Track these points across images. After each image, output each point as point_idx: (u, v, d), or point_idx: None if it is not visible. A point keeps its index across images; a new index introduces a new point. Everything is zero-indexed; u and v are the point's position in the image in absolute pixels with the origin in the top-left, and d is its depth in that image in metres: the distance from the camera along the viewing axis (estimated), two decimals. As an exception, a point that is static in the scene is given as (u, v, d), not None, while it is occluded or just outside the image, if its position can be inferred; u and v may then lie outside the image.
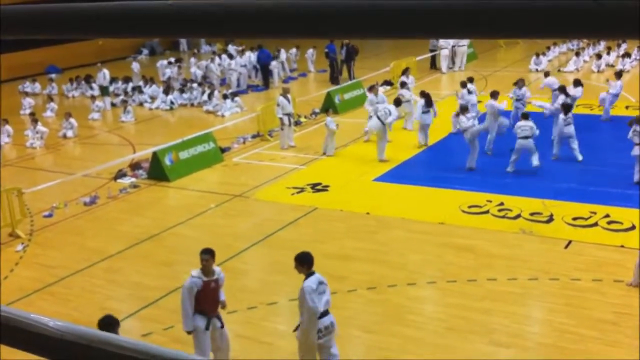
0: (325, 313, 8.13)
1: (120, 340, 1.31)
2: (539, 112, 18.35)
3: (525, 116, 16.23)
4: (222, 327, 8.62)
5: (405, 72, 23.03)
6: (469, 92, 19.92)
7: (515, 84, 19.89)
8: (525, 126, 15.76)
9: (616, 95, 20.41)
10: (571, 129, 16.46)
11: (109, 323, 7.17)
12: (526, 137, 15.68)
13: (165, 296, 10.91)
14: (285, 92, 19.68)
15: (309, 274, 8.08)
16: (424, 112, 18.45)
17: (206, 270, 8.36)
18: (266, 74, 29.26)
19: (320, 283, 8.07)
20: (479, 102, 20.09)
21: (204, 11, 0.97)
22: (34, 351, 1.38)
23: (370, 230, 13.21)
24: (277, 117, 19.22)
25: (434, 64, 31.40)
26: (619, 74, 21.27)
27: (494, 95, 17.99)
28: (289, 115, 19.25)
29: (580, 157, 16.41)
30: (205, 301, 8.40)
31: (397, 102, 18.76)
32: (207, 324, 8.43)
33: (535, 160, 15.65)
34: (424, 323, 9.76)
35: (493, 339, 9.19)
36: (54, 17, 1.11)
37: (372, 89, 20.41)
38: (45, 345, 1.35)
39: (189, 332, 8.47)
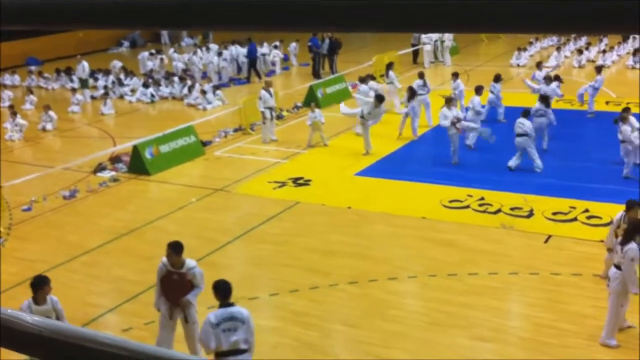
0: (234, 352, 7.27)
1: (99, 336, 1.30)
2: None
3: (526, 113, 15.76)
4: (187, 322, 8.59)
5: (389, 66, 23.04)
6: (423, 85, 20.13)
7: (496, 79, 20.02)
8: (522, 123, 15.48)
9: (596, 89, 20.53)
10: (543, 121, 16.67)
11: (39, 282, 8.02)
12: (521, 135, 15.51)
13: (145, 291, 10.84)
14: (267, 86, 19.67)
15: (223, 305, 7.41)
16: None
17: (170, 261, 8.46)
18: (252, 67, 29.18)
19: (231, 319, 7.26)
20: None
21: (195, 2, 0.96)
22: (12, 347, 1.36)
23: (352, 224, 13.23)
24: (259, 111, 19.18)
25: (415, 59, 31.45)
26: (599, 69, 21.44)
27: (478, 90, 17.96)
28: (270, 108, 19.22)
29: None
30: (167, 290, 8.55)
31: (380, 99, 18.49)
32: (169, 312, 8.54)
33: (513, 161, 15.69)
34: (405, 317, 9.80)
35: (474, 333, 9.24)
36: (54, 7, 1.10)
37: (363, 80, 20.90)
38: (24, 341, 1.33)
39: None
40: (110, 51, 40.74)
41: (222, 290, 7.45)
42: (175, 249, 8.41)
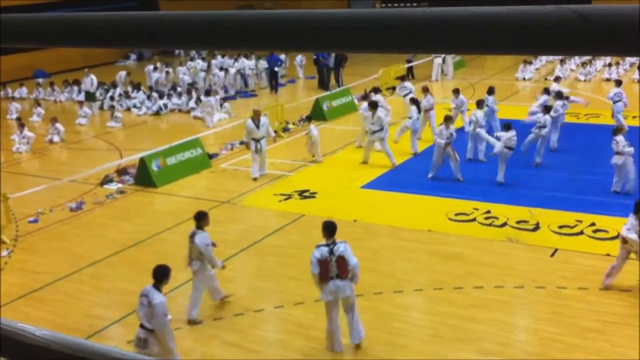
0: (141, 325, 8.37)
1: (107, 349, 1.31)
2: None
3: (508, 126, 15.90)
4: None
5: (402, 78, 23.03)
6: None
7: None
8: (512, 138, 15.58)
9: (619, 103, 20.09)
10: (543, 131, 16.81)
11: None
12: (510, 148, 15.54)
13: (151, 303, 10.83)
14: (255, 115, 17.20)
15: (154, 285, 8.45)
16: (416, 119, 18.55)
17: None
18: (272, 78, 29.27)
19: (143, 295, 8.37)
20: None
21: (197, 22, 0.97)
22: (20, 360, 1.38)
23: (358, 237, 13.19)
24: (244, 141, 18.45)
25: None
26: (618, 82, 21.09)
27: (479, 104, 18.04)
28: (256, 140, 16.97)
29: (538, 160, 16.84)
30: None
31: (374, 105, 17.83)
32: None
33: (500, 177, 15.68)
34: (410, 331, 9.77)
35: (479, 347, 9.21)
36: (52, 27, 1.11)
37: (366, 98, 20.03)
38: (33, 354, 1.34)
39: None
40: (117, 64, 40.93)
41: (155, 275, 8.49)
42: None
